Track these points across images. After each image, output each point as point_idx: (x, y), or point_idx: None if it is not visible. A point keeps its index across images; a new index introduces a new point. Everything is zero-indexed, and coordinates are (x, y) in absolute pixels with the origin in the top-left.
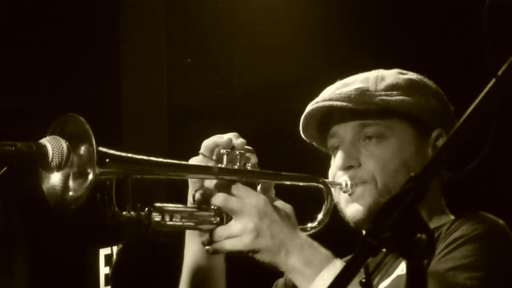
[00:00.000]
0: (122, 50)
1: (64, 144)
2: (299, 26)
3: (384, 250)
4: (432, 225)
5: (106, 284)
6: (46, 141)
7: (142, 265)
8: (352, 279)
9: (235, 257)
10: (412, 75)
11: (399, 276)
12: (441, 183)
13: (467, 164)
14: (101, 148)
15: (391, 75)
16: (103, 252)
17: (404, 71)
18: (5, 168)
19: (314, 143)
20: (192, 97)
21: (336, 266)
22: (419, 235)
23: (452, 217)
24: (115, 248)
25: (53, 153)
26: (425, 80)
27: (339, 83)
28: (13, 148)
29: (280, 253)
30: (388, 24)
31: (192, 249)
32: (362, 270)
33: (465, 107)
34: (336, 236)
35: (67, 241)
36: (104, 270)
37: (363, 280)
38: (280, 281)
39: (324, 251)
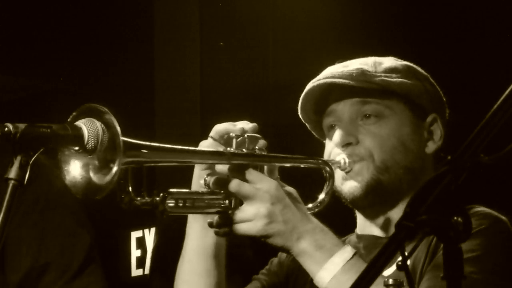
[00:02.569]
0: (155, 34)
1: (99, 126)
2: (334, 12)
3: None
4: None
5: (138, 267)
6: (82, 123)
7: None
8: (389, 262)
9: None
10: (407, 62)
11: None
12: (435, 169)
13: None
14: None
15: (389, 60)
16: (135, 235)
17: (399, 59)
18: (41, 150)
19: (308, 126)
20: (226, 80)
21: (347, 251)
22: (455, 218)
23: None
24: (146, 231)
25: (88, 135)
26: (419, 68)
27: (338, 65)
28: (49, 130)
29: (292, 237)
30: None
31: (195, 229)
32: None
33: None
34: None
35: (99, 224)
36: (135, 253)
37: (399, 263)
38: (275, 260)
39: (334, 237)
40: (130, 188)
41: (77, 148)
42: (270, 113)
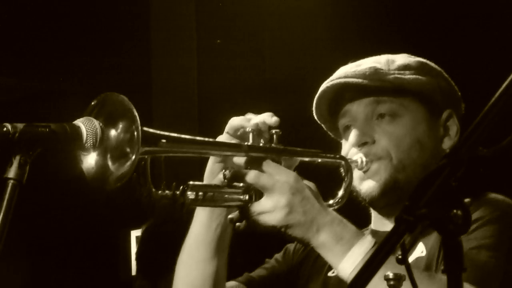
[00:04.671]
0: (152, 32)
1: (97, 125)
2: (329, 8)
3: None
4: None
5: None
6: (80, 122)
7: (169, 243)
8: (389, 256)
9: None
10: (420, 59)
11: (418, 258)
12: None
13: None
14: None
15: (402, 57)
16: (135, 234)
17: (412, 56)
18: (39, 150)
19: (324, 126)
20: (222, 78)
21: (366, 242)
22: (455, 211)
23: None
24: None
25: (87, 134)
26: (433, 64)
27: (351, 64)
28: (47, 130)
29: (312, 228)
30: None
31: (201, 217)
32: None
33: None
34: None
35: (99, 223)
36: None
37: (399, 257)
38: (290, 247)
39: (353, 228)
40: (149, 181)
41: (76, 146)
42: (266, 108)
